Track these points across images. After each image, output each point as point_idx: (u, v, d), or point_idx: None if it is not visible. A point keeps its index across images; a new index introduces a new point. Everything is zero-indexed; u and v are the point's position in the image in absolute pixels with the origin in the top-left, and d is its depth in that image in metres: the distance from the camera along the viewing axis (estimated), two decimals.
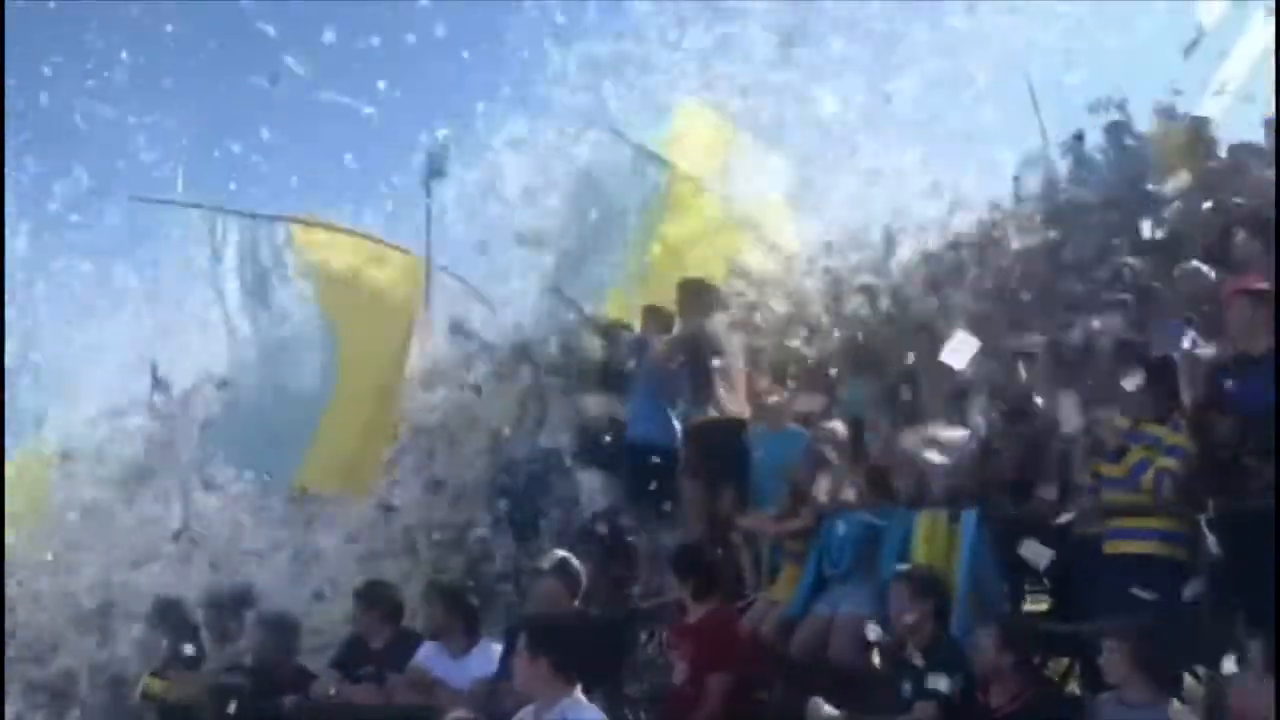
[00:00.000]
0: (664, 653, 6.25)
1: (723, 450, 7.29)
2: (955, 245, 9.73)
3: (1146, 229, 8.31)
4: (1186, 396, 5.51)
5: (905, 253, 10.47)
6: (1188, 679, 5.72)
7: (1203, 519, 5.06)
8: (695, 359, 7.48)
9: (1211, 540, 4.99)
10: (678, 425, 7.73)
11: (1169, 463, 5.16)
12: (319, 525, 10.10)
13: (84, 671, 8.88)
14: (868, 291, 8.99)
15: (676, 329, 7.93)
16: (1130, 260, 7.56)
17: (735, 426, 7.40)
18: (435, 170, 10.93)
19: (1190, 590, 5.16)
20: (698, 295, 7.85)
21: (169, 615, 7.85)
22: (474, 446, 9.84)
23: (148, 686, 7.50)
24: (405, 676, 6.37)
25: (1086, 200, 9.75)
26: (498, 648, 6.42)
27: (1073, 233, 9.02)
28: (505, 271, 11.16)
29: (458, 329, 10.64)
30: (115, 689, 8.25)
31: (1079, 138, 10.59)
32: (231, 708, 6.60)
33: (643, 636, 7.27)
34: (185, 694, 7.25)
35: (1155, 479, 5.16)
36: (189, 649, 7.60)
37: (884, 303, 9.10)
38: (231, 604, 8.01)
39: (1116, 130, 10.49)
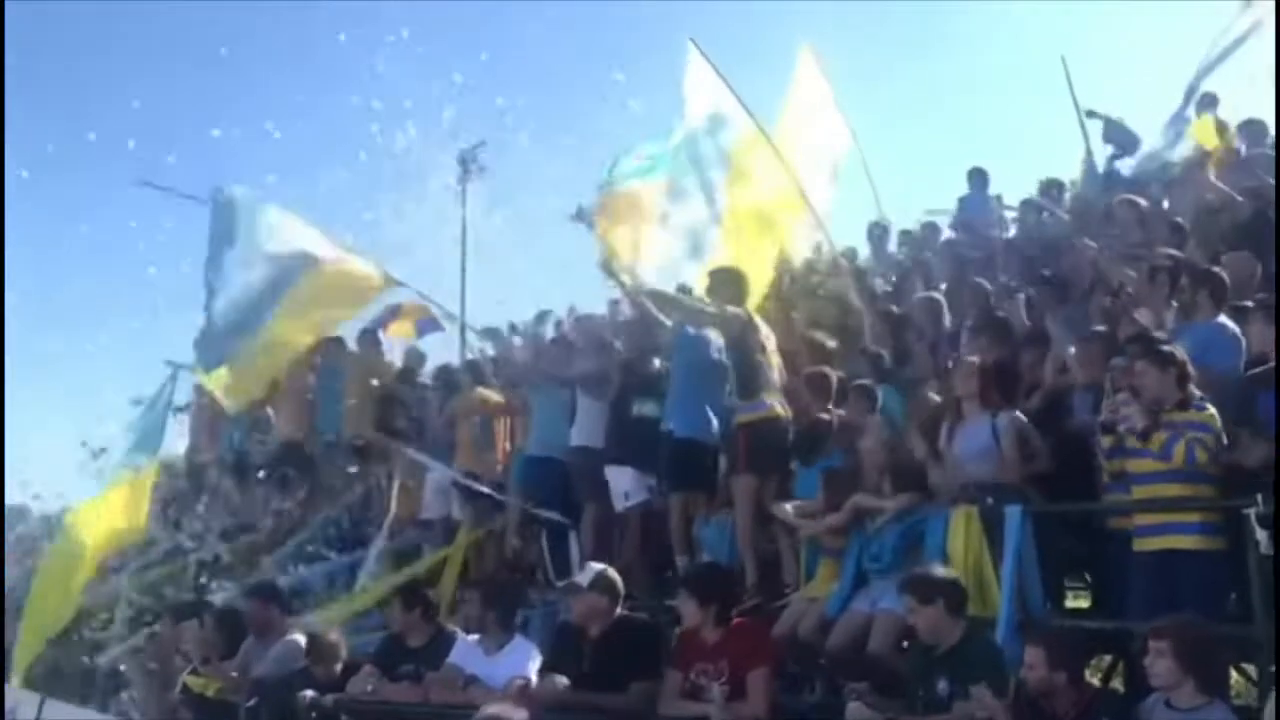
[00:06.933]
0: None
1: (773, 447, 7.19)
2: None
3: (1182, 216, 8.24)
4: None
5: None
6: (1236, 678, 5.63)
7: (1251, 513, 4.95)
8: (743, 350, 7.33)
9: (1263, 536, 4.88)
10: (715, 420, 7.60)
11: (1198, 433, 5.27)
12: None
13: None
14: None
15: (714, 316, 7.50)
16: (1169, 251, 7.43)
17: (784, 424, 7.27)
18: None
19: None
20: (730, 283, 7.58)
21: (226, 622, 7.82)
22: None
23: (188, 682, 7.56)
24: (440, 674, 6.37)
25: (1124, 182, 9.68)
26: (532, 645, 6.44)
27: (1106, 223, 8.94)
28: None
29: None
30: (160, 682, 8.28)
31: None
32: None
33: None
34: (223, 690, 7.31)
35: (1187, 448, 5.24)
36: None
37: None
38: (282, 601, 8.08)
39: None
